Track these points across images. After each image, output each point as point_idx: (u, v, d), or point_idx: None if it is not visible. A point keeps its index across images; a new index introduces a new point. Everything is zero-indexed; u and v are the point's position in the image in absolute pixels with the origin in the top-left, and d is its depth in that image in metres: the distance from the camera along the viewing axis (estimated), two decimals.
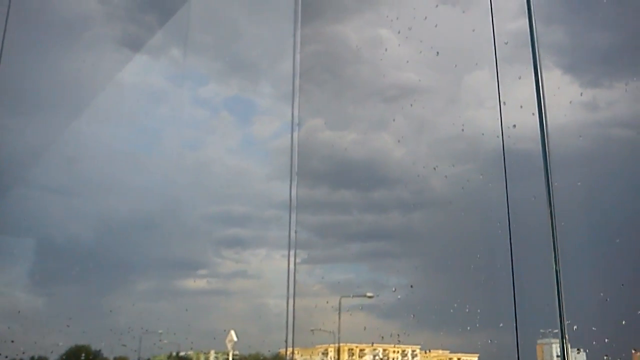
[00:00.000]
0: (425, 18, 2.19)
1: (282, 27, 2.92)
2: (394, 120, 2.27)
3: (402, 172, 2.23)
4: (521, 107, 1.73)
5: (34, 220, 2.63)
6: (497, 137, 1.81)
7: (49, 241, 2.65)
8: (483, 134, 1.88)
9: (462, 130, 1.99)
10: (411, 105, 2.19)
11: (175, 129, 2.94)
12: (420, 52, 2.18)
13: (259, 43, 3.06)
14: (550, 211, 1.61)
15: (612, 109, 1.51)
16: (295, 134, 2.74)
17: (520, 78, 1.76)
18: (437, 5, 2.15)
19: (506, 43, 1.82)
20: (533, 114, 1.71)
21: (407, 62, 2.23)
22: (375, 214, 2.36)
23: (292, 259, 2.65)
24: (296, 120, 2.76)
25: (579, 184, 1.59)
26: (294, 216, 2.66)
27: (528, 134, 1.71)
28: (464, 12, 2.02)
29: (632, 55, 1.52)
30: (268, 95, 3.02)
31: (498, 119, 1.81)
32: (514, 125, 1.76)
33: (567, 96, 1.66)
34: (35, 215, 2.62)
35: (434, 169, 2.09)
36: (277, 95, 2.94)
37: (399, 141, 2.25)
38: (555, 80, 1.71)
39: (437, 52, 2.14)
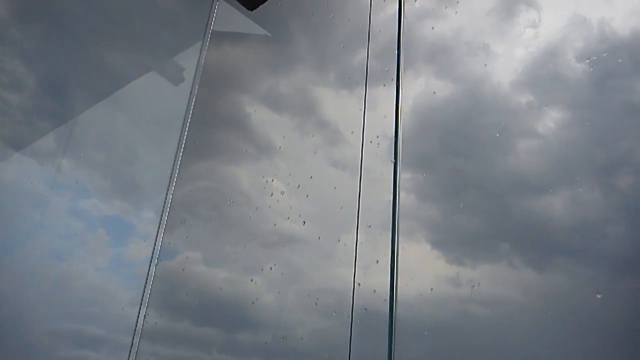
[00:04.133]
0: (311, 177, 2.31)
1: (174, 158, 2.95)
2: (270, 266, 2.29)
3: (269, 317, 2.21)
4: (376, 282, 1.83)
5: None
6: (359, 297, 1.89)
7: None
8: (347, 292, 1.94)
9: (332, 285, 2.05)
10: (289, 254, 2.24)
11: (46, 236, 2.80)
12: (305, 205, 2.27)
13: (150, 170, 3.06)
14: None
15: (473, 287, 1.63)
16: (154, 265, 2.68)
17: (380, 248, 1.87)
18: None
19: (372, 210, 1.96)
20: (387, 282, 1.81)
21: (292, 214, 2.30)
22: (235, 356, 2.29)
23: None
24: (158, 249, 2.72)
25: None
26: (149, 347, 2.53)
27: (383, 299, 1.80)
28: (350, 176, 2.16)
29: (492, 242, 1.68)
30: (149, 221, 2.97)
31: (368, 278, 1.90)
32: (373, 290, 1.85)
33: (433, 269, 1.78)
34: None
35: (299, 319, 2.10)
36: (157, 223, 2.90)
37: (270, 286, 2.26)
38: (424, 253, 1.84)
39: (320, 211, 2.24)
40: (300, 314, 2.11)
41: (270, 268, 2.26)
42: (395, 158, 1.96)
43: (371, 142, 2.10)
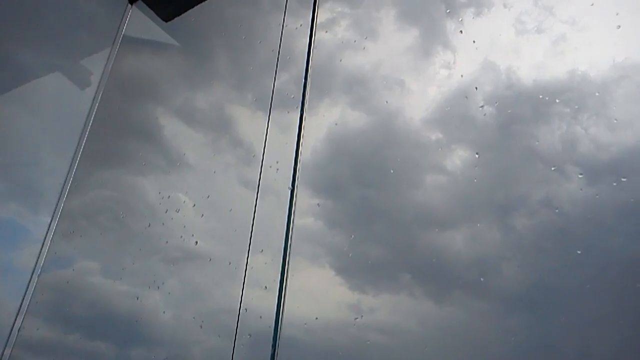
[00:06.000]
0: (220, 196, 2.26)
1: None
2: (166, 282, 2.21)
3: (165, 334, 2.13)
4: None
5: None
6: (260, 318, 1.86)
7: None
8: (246, 312, 1.91)
9: (229, 305, 2.01)
10: (190, 271, 2.18)
11: None
12: (211, 223, 2.22)
13: (51, 174, 2.90)
14: None
15: (373, 314, 1.63)
16: (37, 273, 2.54)
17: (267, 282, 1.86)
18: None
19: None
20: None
21: (197, 231, 2.24)
22: None
23: None
24: (43, 257, 2.58)
25: None
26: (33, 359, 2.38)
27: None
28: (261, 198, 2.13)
29: (395, 272, 1.69)
30: (46, 226, 2.80)
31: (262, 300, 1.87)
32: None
33: (336, 295, 1.78)
34: None
35: (195, 338, 2.04)
36: (53, 229, 2.74)
37: (168, 301, 2.19)
38: (327, 279, 1.83)
39: (234, 230, 2.20)
40: (195, 332, 2.05)
41: (163, 283, 2.19)
42: (293, 185, 1.96)
43: (275, 164, 2.09)
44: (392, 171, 1.83)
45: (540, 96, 1.63)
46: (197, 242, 2.17)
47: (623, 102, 1.49)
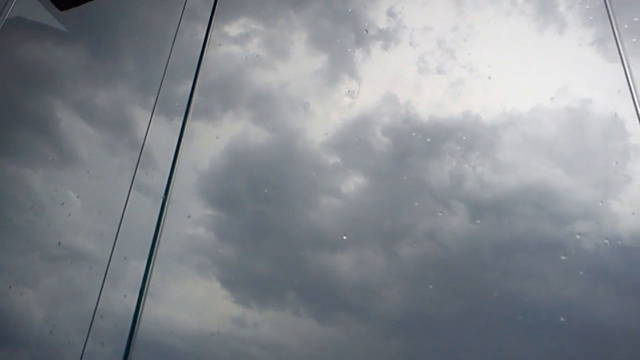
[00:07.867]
0: (111, 196, 2.16)
1: None
2: (49, 281, 2.08)
3: (32, 336, 1.99)
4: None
5: None
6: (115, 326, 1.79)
7: None
8: (101, 318, 1.83)
9: (107, 309, 1.91)
10: (70, 271, 2.05)
11: None
12: (98, 224, 2.12)
13: None
14: None
15: (256, 329, 1.60)
16: None
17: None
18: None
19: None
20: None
21: (82, 231, 2.12)
22: None
23: None
24: None
25: None
26: None
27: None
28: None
29: (281, 289, 1.67)
30: None
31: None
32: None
33: (220, 307, 1.73)
34: None
35: (67, 340, 1.92)
36: None
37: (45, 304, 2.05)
38: (213, 291, 1.78)
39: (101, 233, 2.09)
40: (67, 335, 1.93)
41: (34, 282, 2.05)
42: (166, 194, 1.92)
43: (163, 170, 2.03)
44: (264, 191, 1.82)
45: (434, 132, 1.68)
46: (59, 243, 2.06)
47: (509, 146, 1.56)
